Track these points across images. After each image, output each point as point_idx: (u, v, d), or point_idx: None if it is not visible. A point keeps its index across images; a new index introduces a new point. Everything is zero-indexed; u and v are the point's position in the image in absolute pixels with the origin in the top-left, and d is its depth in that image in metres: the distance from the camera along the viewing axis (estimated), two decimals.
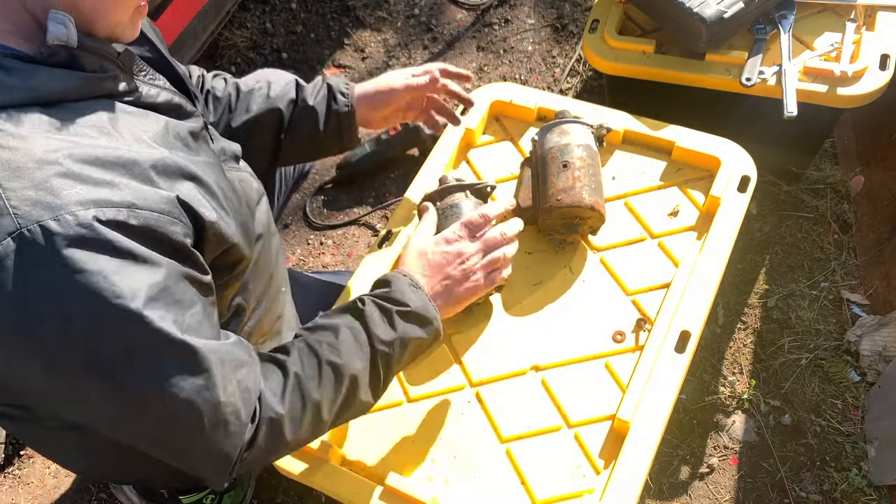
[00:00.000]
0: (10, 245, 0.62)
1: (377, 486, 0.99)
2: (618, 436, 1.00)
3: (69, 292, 0.64)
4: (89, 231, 0.64)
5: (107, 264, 0.65)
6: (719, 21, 1.33)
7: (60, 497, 1.51)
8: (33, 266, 0.63)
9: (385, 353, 0.88)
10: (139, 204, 0.68)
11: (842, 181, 1.68)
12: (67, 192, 0.65)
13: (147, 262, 0.68)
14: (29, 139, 0.66)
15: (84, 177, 0.67)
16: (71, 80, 0.72)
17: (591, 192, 1.10)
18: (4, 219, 0.63)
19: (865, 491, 1.32)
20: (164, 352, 0.70)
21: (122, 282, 0.66)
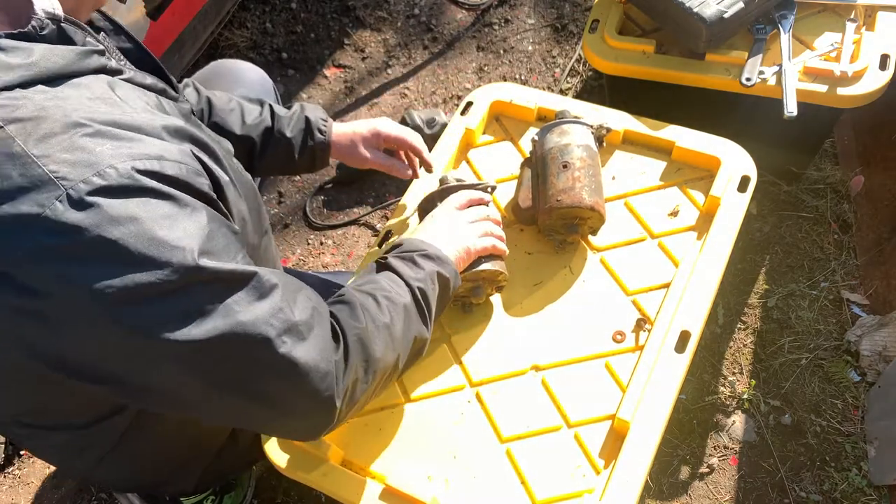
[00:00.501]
0: (58, 207, 0.62)
1: (377, 486, 0.99)
2: (618, 436, 1.00)
3: (127, 242, 0.64)
4: (132, 181, 0.66)
5: (157, 210, 0.66)
6: (719, 21, 1.33)
7: (60, 497, 1.51)
8: (88, 221, 0.63)
9: (421, 289, 0.93)
10: (167, 156, 0.70)
11: (842, 181, 1.68)
12: (100, 149, 0.66)
13: (189, 206, 0.70)
14: (48, 108, 0.67)
15: (110, 134, 0.68)
16: (67, 54, 0.73)
17: (591, 193, 1.10)
18: (48, 185, 0.63)
19: (865, 491, 1.32)
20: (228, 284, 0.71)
21: (173, 226, 0.67)
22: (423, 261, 0.96)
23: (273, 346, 0.73)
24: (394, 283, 0.93)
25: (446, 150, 1.32)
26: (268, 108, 1.24)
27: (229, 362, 0.72)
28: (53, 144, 0.65)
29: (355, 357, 0.82)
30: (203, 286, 0.69)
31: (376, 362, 0.85)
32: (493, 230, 1.09)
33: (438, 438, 1.04)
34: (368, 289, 0.91)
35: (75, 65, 0.73)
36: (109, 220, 0.64)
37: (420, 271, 0.94)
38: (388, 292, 0.90)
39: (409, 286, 0.93)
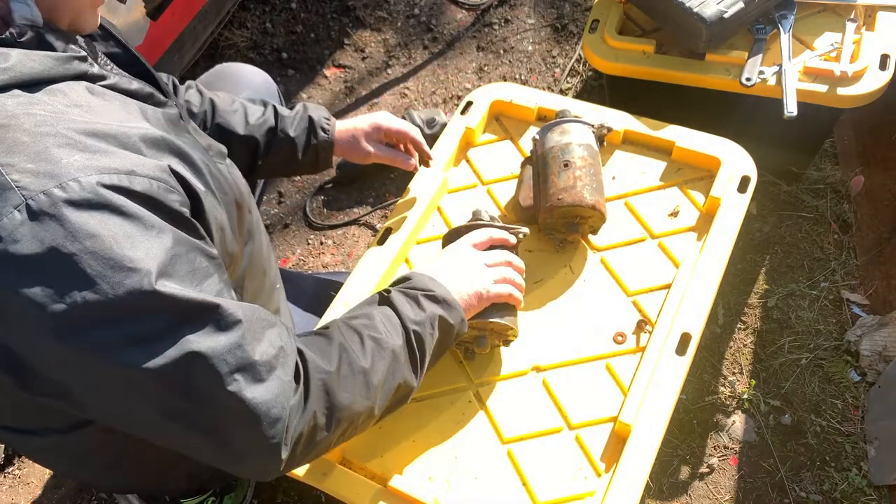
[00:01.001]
0: (16, 217, 0.62)
1: (378, 487, 0.99)
2: (619, 438, 1.00)
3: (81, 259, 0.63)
4: (95, 196, 0.64)
5: (118, 229, 0.65)
6: (719, 21, 1.33)
7: (60, 497, 1.51)
8: (44, 234, 0.62)
9: (417, 332, 0.88)
10: (137, 171, 0.68)
11: (842, 181, 1.68)
12: (67, 160, 0.64)
13: (155, 228, 0.67)
14: (18, 116, 0.66)
15: (81, 145, 0.66)
16: (45, 60, 0.71)
17: (593, 192, 1.10)
18: (8, 193, 0.62)
19: (865, 491, 1.32)
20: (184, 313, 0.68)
21: (133, 247, 0.65)
22: (427, 302, 0.91)
23: (222, 383, 0.69)
24: (389, 322, 0.88)
25: (446, 149, 1.32)
26: (271, 108, 1.24)
27: (175, 392, 0.69)
28: (19, 152, 0.64)
29: (315, 403, 0.77)
30: (157, 312, 0.67)
31: (341, 410, 0.80)
32: (512, 277, 1.02)
33: (439, 439, 1.04)
34: (358, 325, 0.86)
35: (54, 70, 0.72)
36: (65, 235, 0.62)
37: (421, 313, 0.89)
38: (378, 333, 0.86)
39: (405, 328, 0.88)
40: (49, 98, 0.70)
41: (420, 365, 0.89)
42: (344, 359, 0.81)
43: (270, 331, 0.76)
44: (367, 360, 0.83)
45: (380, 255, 1.19)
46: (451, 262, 1.00)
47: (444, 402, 1.07)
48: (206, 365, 0.69)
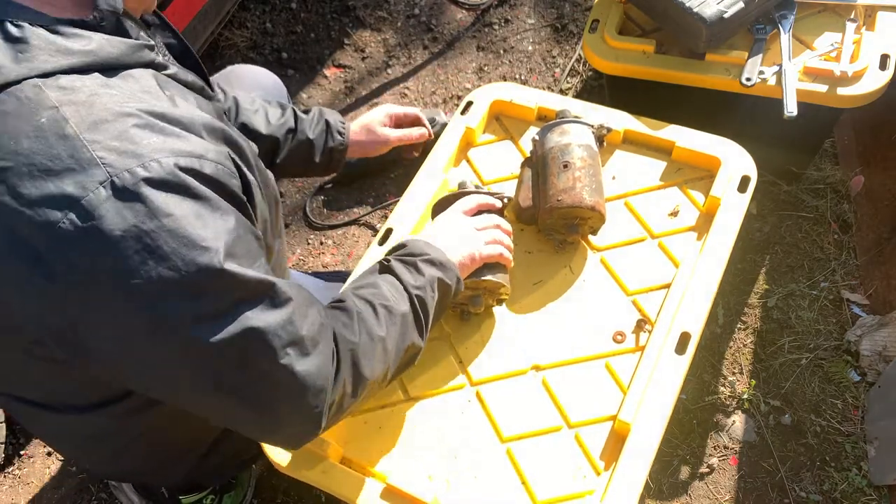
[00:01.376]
0: (101, 193, 0.64)
1: (378, 485, 0.99)
2: (618, 437, 1.00)
3: (159, 236, 0.66)
4: (172, 177, 0.67)
5: (191, 209, 0.68)
6: (719, 21, 1.33)
7: (60, 497, 1.51)
8: (127, 211, 0.65)
9: (420, 297, 0.93)
10: (206, 155, 0.72)
11: (842, 181, 1.68)
12: (147, 141, 0.68)
13: (221, 209, 0.72)
14: (99, 95, 0.69)
15: (158, 127, 0.70)
16: (122, 46, 0.75)
17: (592, 193, 1.10)
18: (94, 169, 0.65)
19: (865, 491, 1.32)
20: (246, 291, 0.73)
21: (205, 226, 0.69)
22: (426, 266, 0.96)
23: (276, 357, 0.74)
24: (394, 289, 0.93)
25: (447, 149, 1.32)
26: (290, 110, 1.30)
27: (232, 365, 0.73)
28: (104, 131, 0.67)
29: (346, 373, 0.83)
30: (223, 290, 0.71)
31: (366, 378, 0.86)
32: (501, 238, 1.08)
33: (439, 438, 1.04)
34: (368, 295, 0.91)
35: (128, 57, 0.76)
36: (146, 213, 0.66)
37: (420, 278, 0.94)
38: (388, 301, 0.91)
39: (409, 293, 0.93)
40: (126, 82, 0.74)
41: (424, 326, 0.94)
42: (363, 329, 0.87)
43: (312, 308, 0.81)
44: (382, 328, 0.88)
45: (380, 256, 1.19)
46: (444, 228, 1.06)
47: (443, 401, 1.07)
48: (263, 340, 0.73)
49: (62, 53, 0.69)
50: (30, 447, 1.59)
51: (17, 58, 0.68)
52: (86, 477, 1.52)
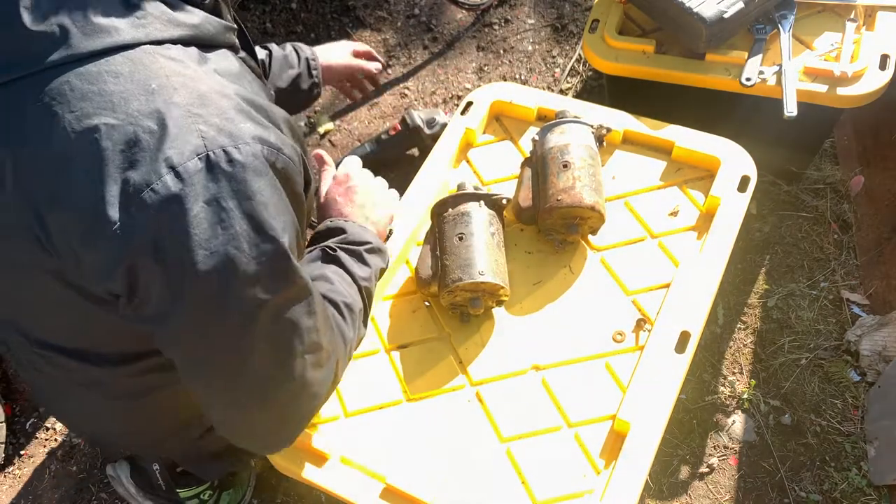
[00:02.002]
0: (197, 164, 0.68)
1: (377, 486, 0.99)
2: (618, 436, 1.00)
3: (235, 215, 0.69)
4: (259, 163, 0.71)
5: (267, 197, 0.71)
6: (719, 21, 1.33)
7: (60, 497, 1.51)
8: (215, 186, 0.68)
9: (367, 289, 0.99)
10: (284, 150, 0.75)
11: (842, 181, 1.68)
12: (243, 125, 0.71)
13: (285, 204, 0.75)
14: (204, 72, 0.73)
15: (251, 115, 0.74)
16: (218, 25, 0.79)
17: (592, 193, 1.10)
18: (193, 138, 0.68)
19: (865, 491, 1.32)
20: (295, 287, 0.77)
21: (276, 217, 0.72)
22: (370, 256, 1.01)
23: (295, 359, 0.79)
24: (345, 282, 0.97)
25: (447, 149, 1.32)
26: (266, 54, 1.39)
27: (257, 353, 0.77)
28: (209, 106, 0.70)
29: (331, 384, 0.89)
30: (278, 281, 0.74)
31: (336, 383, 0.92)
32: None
33: (438, 438, 1.04)
34: (328, 293, 0.94)
35: (221, 36, 0.80)
36: (230, 191, 0.69)
37: (367, 269, 1.00)
38: (346, 298, 0.95)
39: (359, 286, 0.98)
40: (217, 62, 0.77)
41: (369, 315, 1.01)
42: (339, 333, 0.91)
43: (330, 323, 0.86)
44: (350, 330, 0.93)
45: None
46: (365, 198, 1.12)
47: (443, 401, 1.08)
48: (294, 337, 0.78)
49: (173, 24, 0.73)
50: (30, 447, 1.59)
51: (135, 23, 0.71)
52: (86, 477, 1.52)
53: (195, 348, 0.78)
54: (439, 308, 1.15)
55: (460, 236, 1.09)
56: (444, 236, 1.11)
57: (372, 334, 1.15)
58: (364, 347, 1.14)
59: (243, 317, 0.74)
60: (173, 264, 0.70)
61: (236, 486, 1.39)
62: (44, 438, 1.59)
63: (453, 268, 1.07)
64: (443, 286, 1.07)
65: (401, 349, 1.13)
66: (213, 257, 0.69)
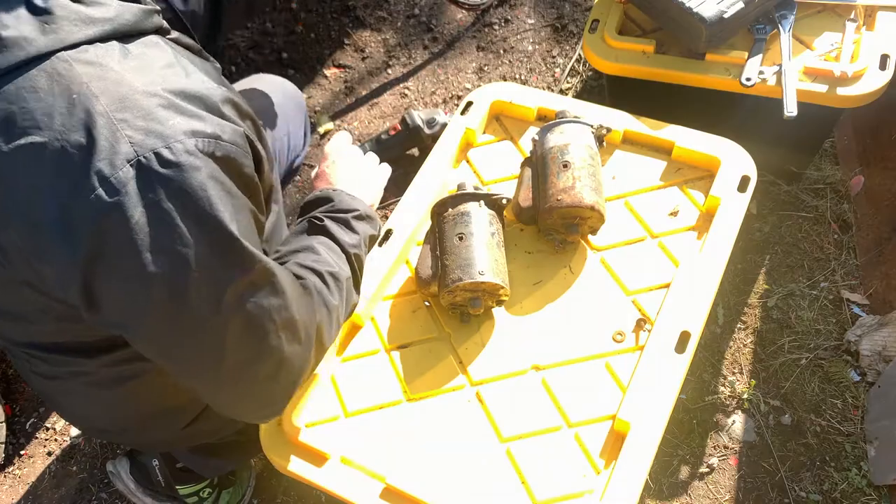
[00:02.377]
0: (129, 172, 0.67)
1: (377, 486, 0.99)
2: (618, 436, 1.00)
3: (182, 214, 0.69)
4: (195, 159, 0.69)
5: (211, 191, 0.70)
6: (719, 21, 1.33)
7: (60, 497, 1.51)
8: (151, 190, 0.68)
9: (357, 255, 0.99)
10: (222, 136, 0.73)
11: (842, 181, 1.68)
12: (172, 122, 0.70)
13: (232, 192, 0.74)
14: (126, 72, 0.71)
15: (181, 108, 0.72)
16: (137, 11, 0.76)
17: (592, 192, 1.10)
18: (122, 146, 0.67)
19: (865, 491, 1.32)
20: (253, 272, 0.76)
21: (223, 207, 0.71)
22: (358, 223, 1.01)
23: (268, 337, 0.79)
24: (333, 253, 0.97)
25: (446, 150, 1.32)
26: None
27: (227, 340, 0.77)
28: (132, 109, 0.69)
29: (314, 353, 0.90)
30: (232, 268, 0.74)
31: (323, 351, 0.93)
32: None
33: (438, 438, 1.04)
34: (312, 264, 0.94)
35: (142, 23, 0.76)
36: (168, 192, 0.68)
37: (355, 236, 1.00)
38: (332, 268, 0.95)
39: (347, 254, 0.98)
40: (142, 53, 0.74)
41: (360, 282, 1.01)
42: (321, 304, 0.91)
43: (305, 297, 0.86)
44: (335, 297, 0.93)
45: (380, 257, 1.19)
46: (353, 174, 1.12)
47: (443, 401, 1.08)
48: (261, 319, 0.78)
49: (85, 23, 0.70)
50: (30, 447, 1.59)
51: (45, 29, 0.69)
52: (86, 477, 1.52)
53: (165, 345, 0.78)
54: (439, 308, 1.15)
55: (460, 236, 1.09)
56: (444, 236, 1.11)
57: (372, 334, 1.15)
58: (364, 348, 1.14)
59: (206, 310, 0.74)
60: (125, 272, 0.70)
61: (236, 486, 1.39)
62: (44, 438, 1.59)
63: (453, 268, 1.07)
64: (443, 286, 1.07)
65: (401, 349, 1.13)
66: (162, 259, 0.69)
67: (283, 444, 1.04)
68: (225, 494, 1.37)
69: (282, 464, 1.03)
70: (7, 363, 1.67)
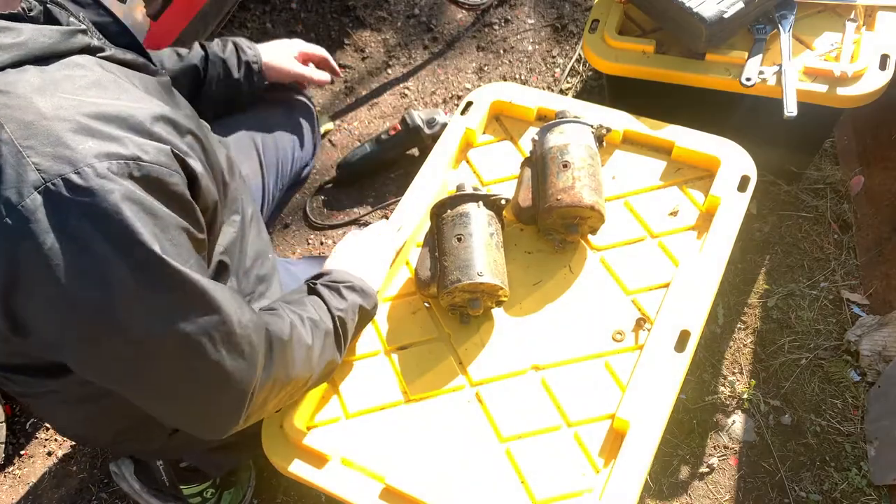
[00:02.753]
0: (37, 199, 0.66)
1: (377, 486, 0.99)
2: (617, 435, 1.00)
3: (97, 238, 0.68)
4: (108, 182, 0.68)
5: (126, 213, 0.69)
6: (719, 21, 1.32)
7: (60, 497, 1.51)
8: (61, 217, 0.67)
9: (341, 318, 1.01)
10: (143, 157, 0.72)
11: (842, 181, 1.68)
12: (82, 146, 0.68)
13: (154, 212, 0.72)
14: (34, 98, 0.69)
15: (94, 131, 0.70)
16: (53, 33, 0.75)
17: (591, 192, 1.10)
18: (28, 174, 0.66)
19: (865, 491, 1.32)
20: (182, 290, 0.75)
21: (141, 228, 0.70)
22: (348, 292, 1.03)
23: (207, 354, 0.78)
24: (320, 309, 0.99)
25: (446, 150, 1.32)
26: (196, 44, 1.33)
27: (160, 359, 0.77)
28: (39, 135, 0.67)
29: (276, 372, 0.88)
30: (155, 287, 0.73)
31: (291, 378, 0.91)
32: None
33: (438, 438, 1.04)
34: (297, 309, 0.96)
35: (62, 44, 0.75)
36: (79, 216, 0.67)
37: (343, 302, 1.02)
38: (314, 317, 0.97)
39: (332, 314, 1.00)
40: (60, 75, 0.73)
41: (343, 344, 1.02)
42: (295, 335, 0.91)
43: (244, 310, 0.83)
44: (309, 338, 0.94)
45: None
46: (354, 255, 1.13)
47: (443, 401, 1.08)
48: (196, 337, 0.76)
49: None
50: (30, 447, 1.59)
51: None
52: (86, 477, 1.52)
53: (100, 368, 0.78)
54: (439, 309, 1.15)
55: (459, 237, 1.09)
56: (443, 237, 1.11)
57: (372, 336, 1.15)
58: (364, 349, 1.14)
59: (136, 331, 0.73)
60: (46, 298, 0.69)
61: (237, 486, 1.39)
62: (44, 438, 1.59)
63: (452, 269, 1.07)
64: (442, 287, 1.07)
65: (401, 350, 1.13)
66: (82, 283, 0.69)
67: (284, 446, 1.04)
68: (227, 495, 1.37)
69: (283, 465, 1.03)
70: None
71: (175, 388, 0.80)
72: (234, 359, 0.80)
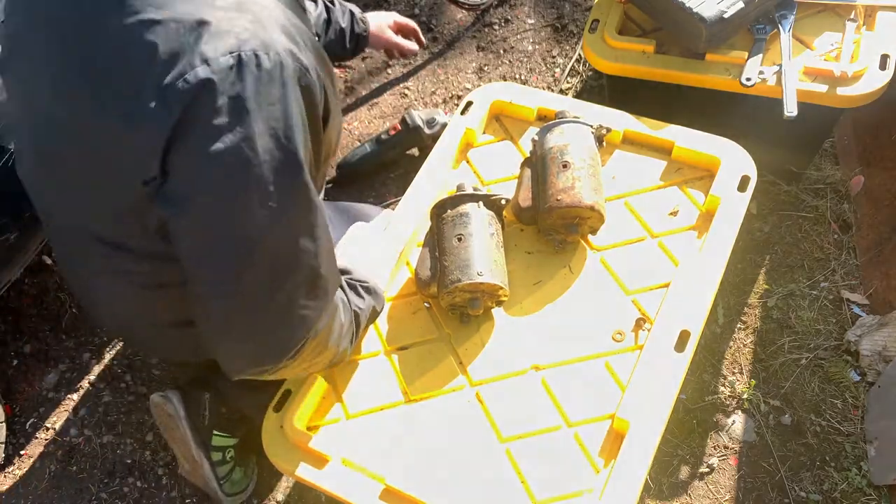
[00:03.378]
0: (229, 61, 0.74)
1: (377, 486, 0.99)
2: (617, 435, 1.00)
3: (259, 117, 0.75)
4: (286, 74, 0.77)
5: (289, 107, 0.78)
6: (719, 21, 1.33)
7: (60, 497, 1.51)
8: (241, 84, 0.75)
9: (358, 315, 1.04)
10: (310, 71, 0.82)
11: (842, 181, 1.68)
12: (277, 37, 0.78)
13: (302, 120, 0.80)
14: None
15: (286, 31, 0.81)
16: None
17: (591, 193, 1.10)
18: (228, 38, 0.75)
19: (865, 491, 1.32)
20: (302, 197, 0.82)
21: (294, 127, 0.78)
22: (365, 293, 1.07)
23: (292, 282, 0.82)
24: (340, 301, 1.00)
25: (446, 150, 1.32)
26: (321, 3, 1.47)
27: (257, 265, 0.80)
28: (248, 13, 0.77)
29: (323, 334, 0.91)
30: (288, 191, 0.79)
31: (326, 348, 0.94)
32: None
33: (438, 438, 1.04)
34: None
35: None
36: (254, 92, 0.75)
37: (362, 301, 1.05)
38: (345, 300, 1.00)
39: (351, 309, 1.02)
40: None
41: (355, 339, 1.05)
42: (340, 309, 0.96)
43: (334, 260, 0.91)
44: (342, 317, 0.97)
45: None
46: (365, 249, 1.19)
47: (443, 401, 1.08)
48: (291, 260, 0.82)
49: None
50: (30, 447, 1.59)
51: None
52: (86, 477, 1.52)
53: (203, 238, 0.81)
54: (439, 309, 1.15)
55: (459, 237, 1.09)
56: (444, 237, 1.11)
57: (372, 336, 1.15)
58: (365, 349, 1.14)
59: (252, 212, 0.77)
60: (196, 148, 0.75)
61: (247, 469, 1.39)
62: (44, 438, 1.59)
63: (452, 269, 1.07)
64: (442, 287, 1.08)
65: (401, 351, 1.13)
66: (226, 148, 0.74)
67: (284, 446, 1.04)
68: (238, 470, 1.37)
69: (284, 466, 1.03)
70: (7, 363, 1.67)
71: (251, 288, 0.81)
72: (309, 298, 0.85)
